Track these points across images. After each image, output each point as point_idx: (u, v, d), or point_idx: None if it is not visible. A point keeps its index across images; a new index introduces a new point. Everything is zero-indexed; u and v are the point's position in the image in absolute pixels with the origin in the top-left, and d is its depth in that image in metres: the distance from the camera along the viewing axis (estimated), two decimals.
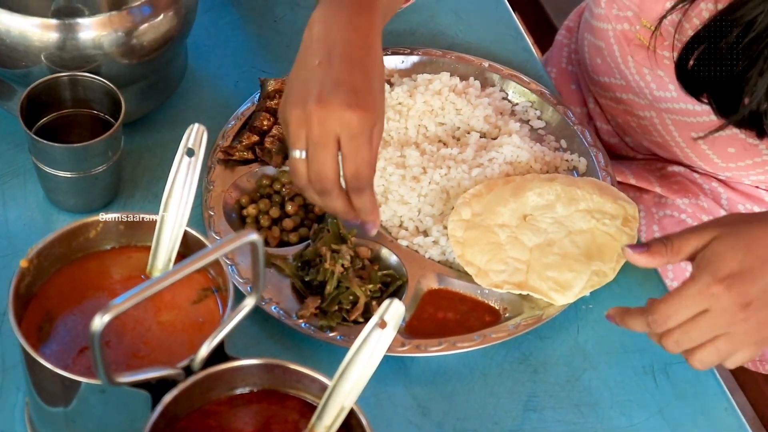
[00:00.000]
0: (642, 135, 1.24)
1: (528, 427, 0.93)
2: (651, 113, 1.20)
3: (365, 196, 0.93)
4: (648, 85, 1.16)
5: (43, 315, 0.83)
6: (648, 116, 1.20)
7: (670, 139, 1.20)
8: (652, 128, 1.20)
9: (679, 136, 1.19)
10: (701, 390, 0.96)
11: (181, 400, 0.77)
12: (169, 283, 0.70)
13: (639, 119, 1.22)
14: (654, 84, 1.15)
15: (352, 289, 0.97)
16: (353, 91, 0.89)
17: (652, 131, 1.21)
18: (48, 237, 0.83)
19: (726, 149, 1.16)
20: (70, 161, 0.98)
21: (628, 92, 1.21)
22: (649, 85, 1.16)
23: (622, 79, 1.20)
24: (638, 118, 1.22)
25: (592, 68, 1.24)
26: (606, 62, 1.22)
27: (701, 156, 1.19)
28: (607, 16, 1.19)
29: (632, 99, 1.21)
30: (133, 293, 0.68)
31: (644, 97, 1.19)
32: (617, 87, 1.22)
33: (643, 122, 1.21)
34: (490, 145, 1.10)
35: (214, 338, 0.78)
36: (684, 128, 1.17)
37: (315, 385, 0.79)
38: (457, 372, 0.96)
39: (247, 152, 1.08)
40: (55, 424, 0.84)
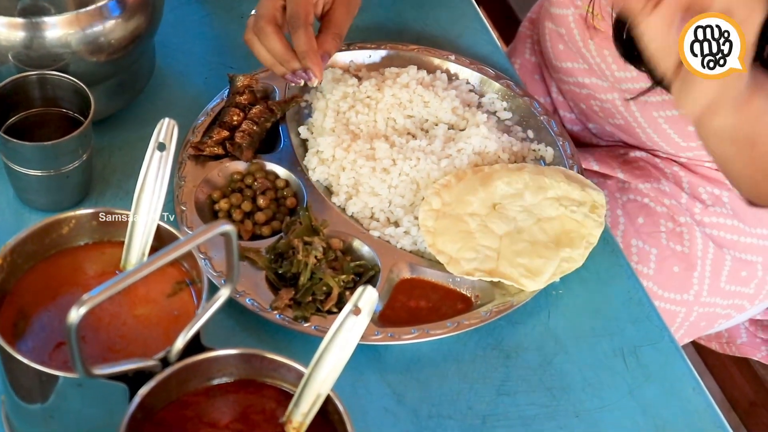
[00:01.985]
0: (605, 119, 1.26)
1: (501, 411, 0.94)
2: (613, 95, 1.22)
3: (301, 35, 1.03)
4: (609, 66, 1.18)
5: (18, 312, 0.84)
6: (610, 99, 1.22)
7: (633, 120, 1.22)
8: (615, 111, 1.23)
9: (641, 117, 1.21)
10: (670, 371, 0.98)
11: (159, 392, 0.78)
12: (144, 275, 0.70)
13: (602, 102, 1.24)
14: (615, 65, 1.17)
15: (325, 280, 0.98)
16: None
17: (615, 113, 1.24)
18: (20, 234, 0.84)
19: (685, 128, 1.18)
20: (40, 160, 0.98)
21: (591, 76, 1.23)
22: (610, 67, 1.18)
23: (585, 63, 1.23)
24: (601, 101, 1.24)
25: (555, 55, 1.26)
26: (568, 47, 1.24)
27: (662, 136, 1.21)
28: (565, 2, 1.21)
29: (595, 82, 1.23)
30: (109, 285, 0.69)
31: (606, 79, 1.21)
32: (580, 71, 1.24)
33: (606, 105, 1.24)
34: (458, 136, 1.11)
35: (189, 329, 0.78)
36: (646, 108, 1.20)
37: (291, 374, 0.80)
38: (430, 359, 0.97)
39: (217, 147, 1.08)
40: (34, 421, 0.84)
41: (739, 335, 1.36)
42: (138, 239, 0.86)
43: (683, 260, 1.21)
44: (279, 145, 1.11)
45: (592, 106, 1.26)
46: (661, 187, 1.23)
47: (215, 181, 1.07)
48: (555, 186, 1.05)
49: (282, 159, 1.09)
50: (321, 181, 1.08)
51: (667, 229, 1.21)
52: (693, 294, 1.22)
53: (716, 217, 1.22)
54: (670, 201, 1.22)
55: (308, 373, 0.77)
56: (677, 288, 1.21)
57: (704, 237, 1.21)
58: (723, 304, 1.24)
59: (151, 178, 0.85)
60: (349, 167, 1.07)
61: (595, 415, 0.95)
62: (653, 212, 1.22)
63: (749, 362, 1.35)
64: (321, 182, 1.08)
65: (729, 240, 1.22)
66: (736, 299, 1.25)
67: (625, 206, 1.22)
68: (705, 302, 1.23)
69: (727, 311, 1.26)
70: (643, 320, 1.01)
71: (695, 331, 1.27)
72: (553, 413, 0.94)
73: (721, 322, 1.28)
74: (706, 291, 1.22)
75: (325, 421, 0.79)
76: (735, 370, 1.34)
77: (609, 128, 1.27)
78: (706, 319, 1.25)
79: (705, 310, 1.24)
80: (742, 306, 1.26)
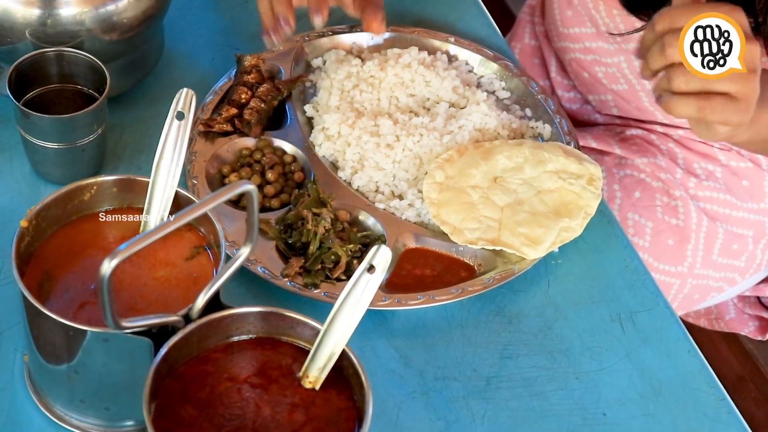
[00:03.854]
0: (609, 85, 1.30)
1: (505, 373, 0.98)
2: (619, 58, 1.26)
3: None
4: (617, 26, 1.22)
5: (42, 274, 0.87)
6: (616, 62, 1.27)
7: (637, 83, 1.26)
8: (620, 74, 1.27)
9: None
10: (665, 335, 1.02)
11: (181, 347, 0.81)
12: (172, 229, 0.74)
13: (607, 67, 1.28)
14: (623, 25, 1.22)
15: (333, 249, 1.01)
16: None
17: (619, 78, 1.28)
18: (45, 199, 0.87)
19: None
20: (57, 133, 1.01)
21: (598, 40, 1.27)
22: (618, 27, 1.22)
23: (593, 26, 1.27)
24: (606, 65, 1.28)
25: (563, 21, 1.30)
26: (576, 11, 1.28)
27: None
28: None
29: (601, 46, 1.27)
30: (139, 238, 0.72)
31: (613, 41, 1.25)
32: (587, 36, 1.29)
33: (611, 69, 1.28)
34: (459, 114, 1.15)
35: (211, 287, 0.82)
36: None
37: (307, 331, 0.83)
38: (435, 324, 1.01)
39: (226, 124, 1.12)
40: (57, 379, 0.87)
41: (728, 311, 1.40)
42: (157, 205, 0.89)
43: (678, 233, 1.25)
44: (285, 123, 1.14)
45: (596, 72, 1.30)
46: (657, 162, 1.27)
47: (225, 156, 1.10)
48: (554, 160, 1.09)
49: (289, 136, 1.13)
50: (327, 157, 1.12)
51: (662, 203, 1.25)
52: (687, 266, 1.26)
53: (710, 192, 1.26)
54: (665, 176, 1.26)
55: (324, 330, 0.81)
56: (672, 260, 1.26)
57: (698, 210, 1.26)
58: (715, 276, 1.29)
59: (169, 146, 0.89)
60: (354, 143, 1.11)
61: (594, 376, 0.98)
62: (649, 187, 1.26)
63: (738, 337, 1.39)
64: (327, 158, 1.12)
65: (722, 214, 1.26)
66: (728, 272, 1.30)
67: (622, 181, 1.27)
68: (698, 274, 1.28)
69: (720, 284, 1.31)
70: (639, 287, 1.05)
71: (689, 304, 1.32)
72: (554, 375, 0.98)
73: (714, 296, 1.33)
74: (699, 263, 1.27)
75: (339, 375, 0.83)
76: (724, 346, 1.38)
77: (611, 96, 1.31)
78: (699, 291, 1.30)
79: (698, 282, 1.28)
80: (733, 279, 1.31)
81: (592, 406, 0.96)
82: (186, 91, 0.88)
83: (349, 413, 0.81)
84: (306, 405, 0.81)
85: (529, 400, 0.96)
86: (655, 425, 0.95)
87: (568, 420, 0.95)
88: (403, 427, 0.93)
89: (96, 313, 0.84)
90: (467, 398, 0.95)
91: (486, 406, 0.95)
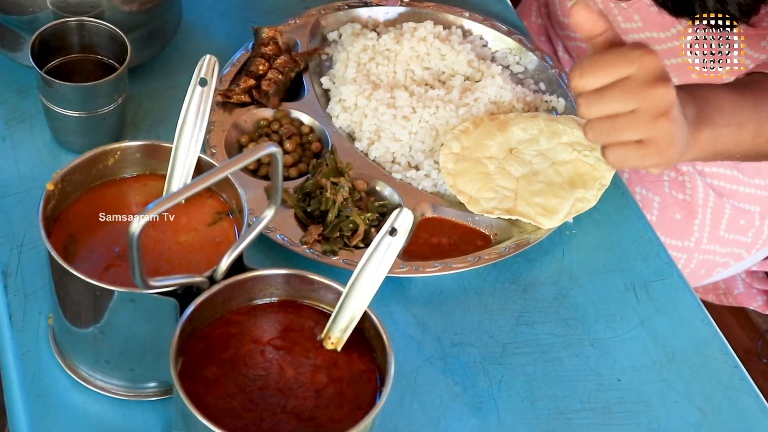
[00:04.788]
0: None
1: (521, 340, 0.99)
2: None
3: None
4: (615, 18, 1.23)
5: (67, 237, 0.88)
6: None
7: None
8: None
9: None
10: (678, 304, 1.04)
11: (205, 308, 0.82)
12: (201, 188, 0.75)
13: None
14: (621, 16, 1.23)
15: (352, 218, 1.02)
16: None
17: None
18: (70, 163, 0.88)
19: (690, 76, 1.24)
20: (79, 101, 1.02)
21: None
22: (616, 19, 1.23)
23: None
24: None
25: (562, 11, 1.32)
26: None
27: None
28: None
29: None
30: (168, 197, 0.73)
31: None
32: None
33: None
34: (474, 87, 1.16)
35: (235, 249, 0.83)
36: None
37: (330, 294, 0.85)
38: (452, 292, 1.02)
39: (244, 95, 1.13)
40: (82, 341, 0.88)
41: (736, 286, 1.41)
42: (179, 170, 0.90)
43: (685, 208, 1.27)
44: (302, 95, 1.16)
45: None
46: None
47: (243, 126, 1.12)
48: (568, 132, 1.10)
49: (306, 107, 1.14)
50: (344, 128, 1.13)
51: (669, 177, 1.26)
52: (693, 241, 1.28)
53: (717, 167, 1.27)
54: None
55: (346, 291, 0.82)
56: (679, 235, 1.27)
57: (705, 186, 1.27)
58: (722, 252, 1.30)
59: (192, 113, 0.90)
60: (371, 114, 1.12)
61: (608, 343, 1.00)
62: None
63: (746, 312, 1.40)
64: (344, 129, 1.13)
65: (728, 189, 1.27)
66: (734, 248, 1.31)
67: None
68: (705, 249, 1.29)
69: (726, 259, 1.32)
70: (652, 257, 1.07)
71: (695, 279, 1.33)
72: (569, 342, 1.00)
73: (720, 271, 1.34)
74: (706, 238, 1.28)
75: (360, 337, 0.84)
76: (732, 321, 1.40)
77: None
78: (706, 266, 1.31)
79: (705, 258, 1.30)
80: (739, 255, 1.32)
81: (606, 372, 0.98)
82: (209, 58, 0.89)
83: (371, 374, 0.83)
84: (328, 366, 0.83)
85: (545, 366, 0.97)
86: (669, 391, 0.97)
87: (584, 385, 0.96)
88: (422, 391, 0.94)
89: (120, 275, 0.86)
90: (484, 363, 0.97)
91: (503, 371, 0.96)
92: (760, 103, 0.96)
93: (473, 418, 0.93)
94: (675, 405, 0.96)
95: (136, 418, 0.90)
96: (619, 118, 0.87)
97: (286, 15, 1.22)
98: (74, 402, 0.90)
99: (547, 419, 0.94)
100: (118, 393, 0.91)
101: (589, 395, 0.96)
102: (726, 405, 0.97)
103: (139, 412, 0.90)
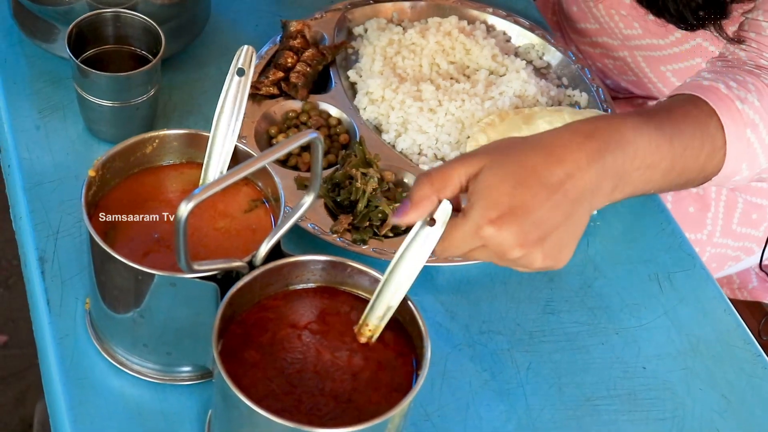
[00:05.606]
0: (619, 76, 1.34)
1: (547, 328, 1.01)
2: (624, 53, 1.30)
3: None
4: (617, 25, 1.26)
5: (107, 224, 0.90)
6: (622, 56, 1.30)
7: (643, 75, 1.30)
8: (627, 68, 1.31)
9: (651, 72, 1.29)
10: (702, 294, 1.06)
11: (244, 293, 0.84)
12: (247, 174, 0.77)
13: (615, 60, 1.32)
14: (622, 23, 1.25)
15: (381, 208, 1.04)
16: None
17: (627, 71, 1.31)
18: (111, 150, 0.90)
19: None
20: (114, 91, 1.04)
21: (602, 35, 1.31)
22: (618, 25, 1.26)
23: (596, 23, 1.30)
24: (614, 59, 1.32)
25: (569, 15, 1.35)
26: (581, 8, 1.32)
27: (672, 88, 1.29)
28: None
29: (606, 41, 1.31)
30: (214, 181, 0.75)
31: (616, 38, 1.29)
32: (592, 31, 1.32)
33: (618, 63, 1.31)
34: (499, 80, 1.18)
35: (274, 235, 0.85)
36: (654, 63, 1.28)
37: (366, 281, 0.86)
38: (479, 281, 1.04)
39: (273, 87, 1.15)
40: (121, 325, 0.90)
41: (750, 280, 1.43)
42: (216, 159, 0.92)
43: (698, 201, 1.29)
44: (330, 87, 1.17)
45: (607, 64, 1.34)
46: None
47: (272, 118, 1.13)
48: None
49: (333, 99, 1.16)
50: (371, 120, 1.15)
51: None
52: (706, 234, 1.30)
53: None
54: None
55: (384, 280, 0.83)
56: (692, 227, 1.29)
57: None
58: (734, 245, 1.32)
59: (230, 102, 0.91)
60: (397, 107, 1.14)
61: (633, 332, 1.02)
62: None
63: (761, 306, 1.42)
64: (371, 121, 1.15)
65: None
66: (746, 242, 1.33)
67: None
68: (717, 243, 1.31)
69: (737, 253, 1.34)
70: (675, 249, 1.09)
71: None
72: (595, 330, 1.01)
73: (731, 264, 1.36)
74: (719, 232, 1.30)
75: (396, 324, 0.86)
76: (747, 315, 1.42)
77: (624, 84, 1.35)
78: (717, 260, 1.33)
79: (717, 251, 1.32)
80: (751, 249, 1.34)
81: (632, 360, 0.99)
82: (247, 48, 0.91)
83: (407, 359, 0.85)
84: (364, 350, 0.85)
85: (572, 354, 0.99)
86: (694, 379, 0.99)
87: (609, 372, 0.98)
88: (451, 377, 0.96)
89: (160, 260, 0.88)
90: (511, 351, 0.99)
91: (530, 359, 0.98)
92: (676, 138, 0.90)
93: (502, 404, 0.95)
94: (699, 392, 0.98)
95: (172, 402, 0.91)
96: (502, 258, 0.84)
97: (312, 10, 1.24)
98: (111, 385, 0.92)
99: (574, 406, 0.96)
100: (154, 377, 0.92)
101: (614, 383, 0.98)
102: (749, 392, 0.98)
103: (175, 396, 0.92)
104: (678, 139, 0.90)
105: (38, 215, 1.01)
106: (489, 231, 0.81)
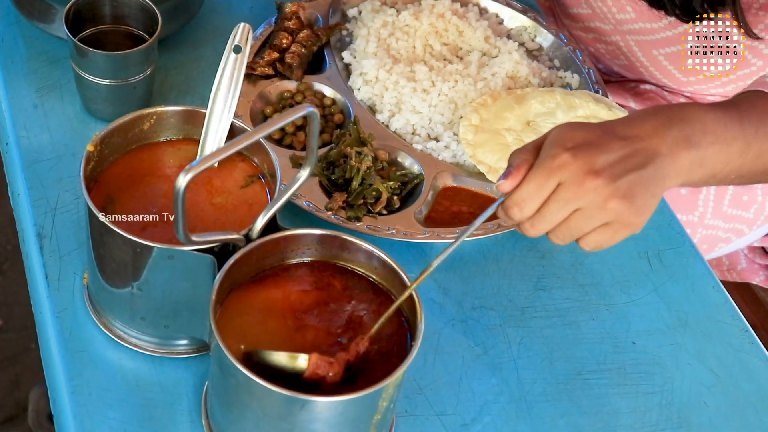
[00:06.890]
0: (612, 60, 1.35)
1: (539, 304, 1.02)
2: (617, 38, 1.31)
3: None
4: (610, 9, 1.27)
5: (105, 198, 0.91)
6: (614, 41, 1.32)
7: (635, 60, 1.31)
8: (619, 52, 1.32)
9: (643, 56, 1.30)
10: (691, 272, 1.07)
11: (241, 266, 0.85)
12: (243, 146, 0.78)
13: (607, 45, 1.33)
14: (615, 8, 1.27)
15: (375, 186, 1.06)
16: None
17: (619, 55, 1.33)
18: (109, 126, 0.91)
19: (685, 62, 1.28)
20: (111, 69, 1.05)
21: (595, 20, 1.32)
22: (611, 10, 1.27)
23: (588, 8, 1.32)
24: (606, 44, 1.33)
25: (562, 1, 1.36)
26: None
27: (664, 72, 1.31)
28: None
29: (599, 26, 1.32)
30: (212, 153, 0.76)
31: (608, 23, 1.30)
32: (585, 16, 1.33)
33: (611, 47, 1.33)
34: (491, 62, 1.19)
35: (270, 208, 0.86)
36: (646, 47, 1.29)
37: (362, 255, 0.88)
38: (472, 258, 1.06)
39: (268, 68, 1.16)
40: (119, 298, 0.91)
41: (739, 262, 1.45)
42: (213, 135, 0.93)
43: None
44: (324, 68, 1.19)
45: (599, 48, 1.35)
46: None
47: (267, 97, 1.15)
48: (584, 106, 1.13)
49: (328, 80, 1.17)
50: (365, 100, 1.16)
51: None
52: (698, 215, 1.31)
53: None
54: None
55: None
56: (684, 209, 1.30)
57: None
58: (724, 227, 1.34)
59: (226, 78, 0.93)
60: (391, 87, 1.15)
61: (623, 308, 1.03)
62: None
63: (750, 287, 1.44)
64: (365, 101, 1.16)
65: None
66: (736, 223, 1.35)
67: None
68: (708, 224, 1.33)
69: (728, 235, 1.36)
70: (665, 227, 1.10)
71: None
72: (586, 306, 1.03)
73: (721, 246, 1.38)
74: (710, 213, 1.32)
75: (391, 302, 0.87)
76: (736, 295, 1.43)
77: (616, 68, 1.36)
78: (708, 241, 1.35)
79: (707, 233, 1.33)
80: (741, 230, 1.36)
81: (622, 335, 1.01)
82: (243, 26, 0.92)
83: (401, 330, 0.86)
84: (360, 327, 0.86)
85: (563, 329, 1.01)
86: (683, 353, 1.00)
87: (600, 347, 1.00)
88: (444, 352, 0.98)
89: (157, 234, 0.89)
90: (503, 326, 1.00)
91: (522, 334, 1.00)
92: (745, 120, 0.91)
93: (494, 378, 0.96)
94: (688, 367, 1.00)
95: (169, 374, 0.93)
96: (570, 221, 0.85)
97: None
98: (110, 358, 0.93)
99: (565, 379, 0.97)
100: (151, 350, 0.94)
101: (605, 357, 0.99)
102: (737, 367, 1.00)
103: (172, 368, 0.93)
104: (747, 121, 0.91)
105: (36, 192, 1.03)
106: (564, 157, 0.83)
